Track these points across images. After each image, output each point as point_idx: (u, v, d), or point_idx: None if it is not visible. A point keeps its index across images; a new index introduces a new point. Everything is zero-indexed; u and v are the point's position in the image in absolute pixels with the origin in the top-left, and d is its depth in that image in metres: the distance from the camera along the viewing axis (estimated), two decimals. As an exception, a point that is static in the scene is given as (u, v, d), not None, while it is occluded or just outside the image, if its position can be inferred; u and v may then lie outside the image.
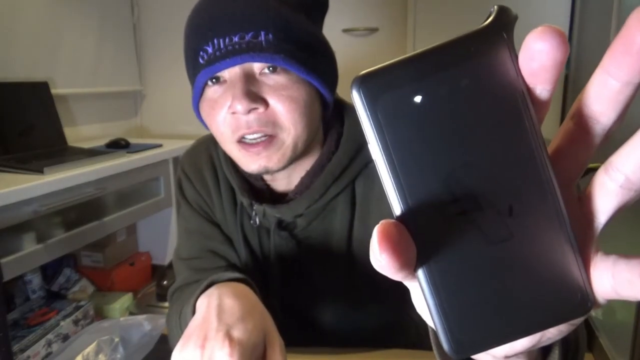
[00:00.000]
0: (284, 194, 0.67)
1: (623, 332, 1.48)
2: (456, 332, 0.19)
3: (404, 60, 0.18)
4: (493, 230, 0.19)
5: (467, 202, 0.19)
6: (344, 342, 0.66)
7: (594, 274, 0.20)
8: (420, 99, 0.18)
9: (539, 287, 0.19)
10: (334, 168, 0.63)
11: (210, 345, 0.44)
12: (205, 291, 0.54)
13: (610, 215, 0.19)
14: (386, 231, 0.18)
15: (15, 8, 1.75)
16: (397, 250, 0.18)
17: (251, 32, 0.54)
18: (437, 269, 0.19)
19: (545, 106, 0.19)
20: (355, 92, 0.19)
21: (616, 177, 0.18)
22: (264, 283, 0.68)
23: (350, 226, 0.66)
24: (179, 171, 0.75)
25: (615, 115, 0.18)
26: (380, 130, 0.18)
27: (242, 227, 0.69)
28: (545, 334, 0.23)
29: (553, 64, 0.17)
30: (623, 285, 0.19)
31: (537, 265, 0.19)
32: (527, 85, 0.18)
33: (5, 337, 0.63)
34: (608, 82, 0.17)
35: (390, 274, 0.19)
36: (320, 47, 0.61)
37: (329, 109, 0.65)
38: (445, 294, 0.19)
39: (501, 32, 0.18)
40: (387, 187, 0.19)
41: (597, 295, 0.20)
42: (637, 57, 0.16)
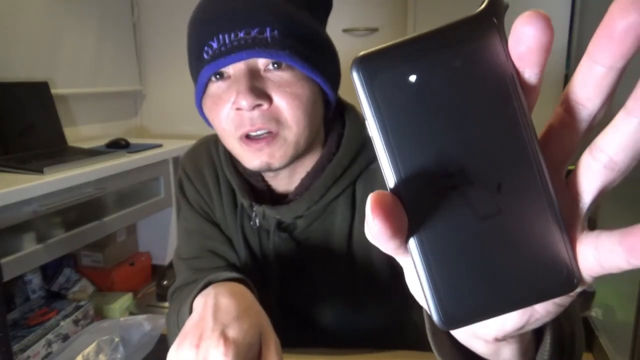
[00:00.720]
0: (284, 195, 0.67)
1: (623, 332, 1.48)
2: (445, 304, 0.20)
3: (401, 42, 0.19)
4: (482, 206, 0.20)
5: (457, 177, 0.19)
6: (343, 343, 0.66)
7: (579, 250, 0.20)
8: (415, 79, 0.19)
9: (525, 263, 0.20)
10: (334, 169, 0.63)
11: (206, 345, 0.44)
12: (202, 291, 0.54)
13: (594, 194, 0.20)
14: (379, 199, 0.19)
15: (15, 8, 1.75)
16: (389, 217, 0.19)
17: (257, 28, 0.54)
18: (427, 240, 0.20)
19: (534, 90, 0.20)
20: (354, 72, 0.20)
21: (600, 158, 0.19)
22: (264, 283, 0.69)
23: (351, 228, 0.66)
24: (180, 171, 0.75)
25: (600, 100, 0.19)
26: (377, 108, 0.19)
27: (242, 228, 0.69)
28: (533, 313, 0.23)
29: (539, 47, 0.18)
30: (605, 256, 0.19)
31: (523, 241, 0.20)
32: (517, 69, 0.19)
33: (5, 337, 0.63)
34: (593, 68, 0.18)
35: (381, 241, 0.20)
36: (324, 45, 0.61)
37: (331, 108, 0.64)
38: (435, 266, 0.20)
39: (492, 18, 0.19)
40: (383, 162, 0.20)
41: (584, 272, 0.20)
42: (618, 42, 0.17)
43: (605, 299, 1.73)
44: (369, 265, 0.66)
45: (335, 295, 0.68)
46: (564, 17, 1.97)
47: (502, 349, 0.28)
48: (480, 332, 0.25)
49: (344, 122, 0.67)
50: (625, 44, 0.17)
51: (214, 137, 0.73)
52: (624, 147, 0.18)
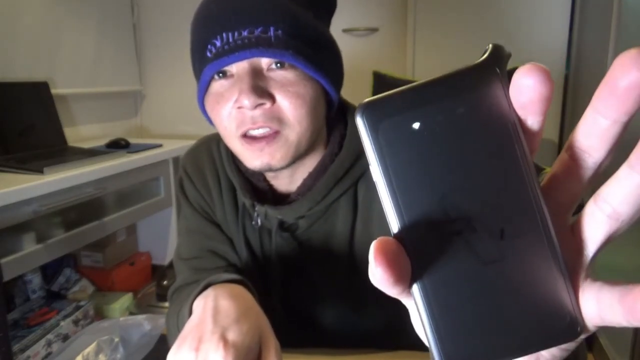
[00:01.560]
0: (286, 194, 0.66)
1: (623, 332, 1.48)
2: (448, 348, 0.20)
3: (405, 90, 0.20)
4: (485, 252, 0.20)
5: (460, 223, 0.20)
6: (343, 343, 0.66)
7: (582, 300, 0.20)
8: (418, 126, 0.20)
9: (528, 309, 0.20)
10: (336, 170, 0.63)
11: (205, 348, 0.44)
12: (202, 292, 0.54)
13: (599, 244, 0.20)
14: (383, 246, 0.19)
15: (15, 8, 1.75)
16: (392, 265, 0.19)
17: (260, 27, 0.54)
18: (430, 285, 0.20)
19: (537, 135, 0.20)
20: (358, 118, 0.20)
21: (604, 208, 0.19)
22: (266, 284, 0.68)
23: (352, 228, 0.65)
24: (181, 171, 0.75)
25: (605, 150, 0.19)
26: (381, 154, 0.20)
27: (244, 228, 0.69)
28: (538, 358, 0.23)
29: (539, 98, 0.19)
30: (605, 310, 0.19)
31: (526, 287, 0.20)
32: (519, 117, 0.20)
33: (5, 337, 0.63)
34: (597, 120, 0.18)
35: (385, 287, 0.20)
36: (328, 45, 0.61)
37: (333, 109, 0.64)
38: (437, 310, 0.20)
39: (495, 67, 0.19)
40: (386, 207, 0.20)
41: (587, 321, 0.20)
42: (621, 99, 0.17)
43: (605, 299, 1.72)
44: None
45: (335, 295, 0.68)
46: (564, 17, 1.97)
47: None
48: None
49: (346, 122, 0.66)
50: (628, 101, 0.17)
51: (215, 137, 0.73)
52: (628, 200, 0.18)
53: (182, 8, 2.31)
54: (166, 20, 2.36)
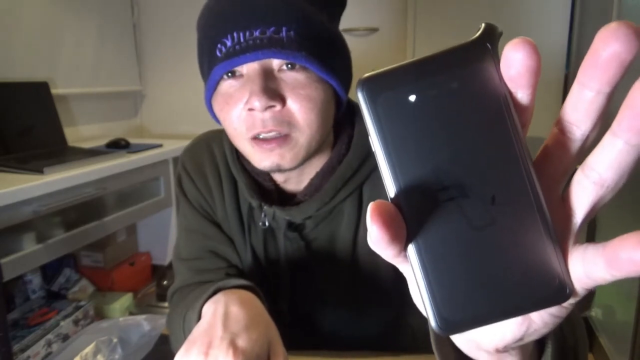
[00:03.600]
0: (292, 195, 0.66)
1: (623, 332, 1.48)
2: (442, 310, 0.21)
3: (403, 65, 0.21)
4: (476, 217, 0.21)
5: (453, 190, 0.21)
6: (344, 346, 0.66)
7: (571, 263, 0.21)
8: (415, 99, 0.21)
9: (518, 273, 0.21)
10: (344, 171, 0.63)
11: (214, 354, 0.44)
12: (211, 297, 0.54)
13: (586, 210, 0.21)
14: (379, 207, 0.20)
15: (15, 8, 1.75)
16: (387, 224, 0.20)
17: (273, 27, 0.53)
18: (425, 249, 0.21)
19: (527, 110, 0.21)
20: (359, 91, 0.21)
21: (590, 175, 0.20)
22: (270, 285, 0.68)
23: (356, 230, 0.65)
24: (179, 168, 0.73)
25: (591, 122, 0.20)
26: (380, 125, 0.21)
27: (248, 228, 0.68)
28: (531, 324, 0.24)
29: (527, 70, 0.20)
30: (590, 268, 0.20)
31: (516, 251, 0.21)
32: (510, 90, 0.21)
33: (5, 337, 0.64)
34: (583, 93, 0.19)
35: (381, 247, 0.21)
36: (339, 46, 0.60)
37: (342, 110, 0.64)
38: (432, 273, 0.21)
39: (486, 44, 0.21)
40: (384, 174, 0.21)
41: (576, 284, 0.21)
42: (603, 70, 0.18)
43: (605, 299, 1.72)
44: (373, 267, 0.65)
45: (338, 296, 0.67)
46: (564, 17, 1.97)
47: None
48: (482, 343, 0.26)
49: (353, 123, 0.66)
50: (609, 72, 0.18)
51: (216, 134, 0.72)
52: (612, 166, 0.19)
53: (182, 8, 2.31)
54: (166, 20, 2.36)
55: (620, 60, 0.18)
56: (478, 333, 0.26)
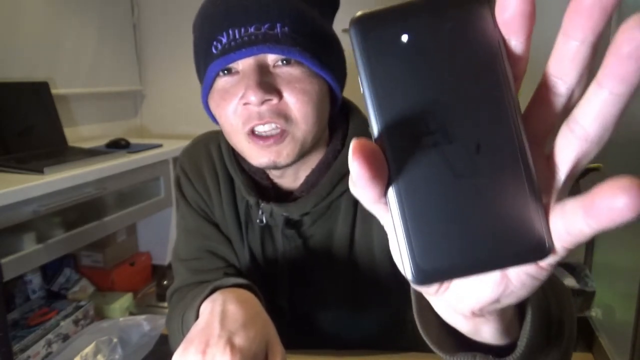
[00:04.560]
0: (289, 192, 0.66)
1: (623, 332, 1.48)
2: (418, 259, 0.21)
3: (397, 5, 0.20)
4: (459, 164, 0.20)
5: (438, 135, 0.20)
6: (342, 344, 0.66)
7: (552, 220, 0.21)
8: (406, 39, 0.20)
9: (498, 226, 0.20)
10: (340, 166, 0.63)
11: (212, 352, 0.44)
12: (209, 296, 0.54)
13: (570, 165, 0.21)
14: (361, 144, 0.20)
15: (16, 8, 1.75)
16: (369, 161, 0.20)
17: (267, 24, 0.54)
18: (405, 194, 0.21)
19: (522, 60, 0.21)
20: (351, 29, 0.21)
21: (575, 129, 0.20)
22: (268, 284, 0.68)
23: (353, 227, 0.66)
24: (178, 169, 0.74)
25: (576, 74, 0.20)
26: (369, 63, 0.20)
27: (246, 227, 0.68)
28: (508, 284, 0.23)
29: (521, 13, 0.19)
30: (569, 221, 0.20)
31: (497, 204, 0.20)
32: (503, 37, 0.20)
33: (6, 337, 0.64)
34: (567, 43, 0.19)
35: (362, 185, 0.20)
36: (333, 42, 0.61)
37: (337, 106, 0.64)
38: (411, 220, 0.21)
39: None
40: (370, 113, 0.21)
41: (556, 242, 0.21)
42: (586, 17, 0.18)
43: (605, 299, 1.72)
44: (371, 263, 0.65)
45: (336, 294, 0.68)
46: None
47: (482, 326, 0.28)
48: (458, 305, 0.26)
49: (348, 120, 0.67)
50: (592, 18, 0.18)
51: (213, 135, 0.73)
52: (596, 117, 0.19)
53: (182, 8, 2.31)
54: (166, 20, 2.36)
55: (603, 5, 0.17)
56: (453, 292, 0.25)
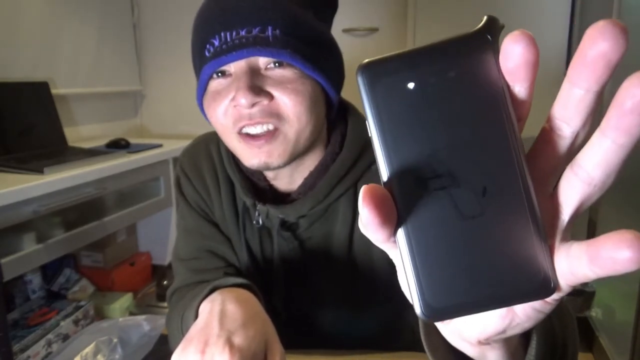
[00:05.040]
0: (287, 194, 0.66)
1: (623, 332, 1.48)
2: (427, 296, 0.21)
3: (403, 52, 0.21)
4: (467, 207, 0.21)
5: (445, 179, 0.21)
6: (341, 345, 0.66)
7: (557, 259, 0.22)
8: (413, 86, 0.21)
9: (504, 265, 0.21)
10: (338, 169, 0.63)
11: (211, 351, 0.44)
12: (208, 296, 0.54)
13: (574, 207, 0.21)
14: (371, 190, 0.21)
15: (16, 8, 1.75)
16: (379, 207, 0.21)
17: (258, 27, 0.54)
18: (414, 235, 0.21)
19: (524, 104, 0.21)
20: (359, 76, 0.21)
21: (579, 173, 0.20)
22: (266, 284, 0.68)
23: (352, 229, 0.65)
24: (178, 169, 0.74)
25: (580, 120, 0.20)
26: (377, 110, 0.21)
27: (244, 228, 0.68)
28: (514, 318, 0.24)
29: (525, 63, 0.20)
30: (574, 264, 0.21)
31: (504, 244, 0.21)
32: (507, 84, 0.21)
33: (6, 337, 0.64)
34: (572, 91, 0.20)
35: (371, 230, 0.21)
36: (327, 44, 0.61)
37: (333, 109, 0.64)
38: (419, 259, 0.21)
39: (487, 36, 0.21)
40: (378, 158, 0.22)
41: (561, 280, 0.22)
42: (591, 69, 0.18)
43: (605, 299, 1.72)
44: (369, 266, 0.65)
45: (335, 295, 0.68)
46: (564, 17, 1.97)
47: (488, 353, 0.29)
48: (465, 334, 0.26)
49: (346, 122, 0.66)
50: (597, 71, 0.18)
51: (214, 135, 0.73)
52: (600, 164, 0.19)
53: (182, 8, 2.31)
54: (166, 20, 2.36)
55: (607, 59, 0.18)
56: (461, 323, 0.26)
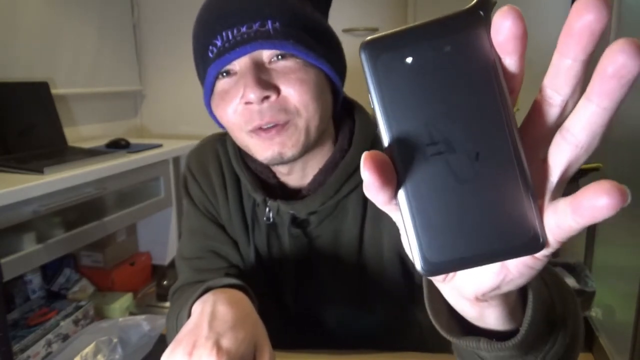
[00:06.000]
0: (297, 191, 0.66)
1: (623, 332, 1.48)
2: (426, 252, 0.23)
3: (402, 29, 0.23)
4: (461, 171, 0.23)
5: (441, 145, 0.23)
6: (347, 344, 0.66)
7: (546, 217, 0.23)
8: (411, 60, 0.23)
9: (497, 223, 0.23)
10: (347, 165, 0.63)
11: (199, 353, 0.44)
12: (201, 296, 0.54)
13: (562, 168, 0.23)
14: (372, 155, 0.22)
15: (15, 8, 1.75)
16: (379, 170, 0.22)
17: (258, 22, 0.55)
18: (413, 197, 0.23)
19: (516, 76, 0.23)
20: (362, 52, 0.23)
21: (566, 136, 0.22)
22: (274, 284, 0.68)
23: (362, 226, 0.65)
24: (185, 169, 0.74)
25: (569, 88, 0.22)
26: (379, 83, 0.23)
27: (252, 227, 0.68)
28: (507, 274, 0.26)
29: (514, 36, 0.21)
30: (560, 218, 0.22)
31: (496, 204, 0.23)
32: (499, 56, 0.22)
33: (6, 337, 0.64)
34: (561, 61, 0.21)
35: (373, 192, 0.23)
36: (327, 34, 0.61)
37: (339, 99, 0.64)
38: (419, 219, 0.23)
39: (479, 12, 0.22)
40: (380, 127, 0.23)
41: (550, 236, 0.23)
42: (577, 38, 0.20)
43: (605, 299, 1.73)
44: (379, 262, 0.65)
45: (343, 293, 0.68)
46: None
47: (486, 311, 0.31)
48: (463, 291, 0.29)
49: (353, 119, 0.67)
50: (582, 40, 0.20)
51: (220, 136, 0.73)
52: (585, 127, 0.21)
53: (182, 8, 2.31)
54: (166, 20, 2.36)
55: (591, 29, 0.20)
56: (459, 280, 0.28)
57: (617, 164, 1.50)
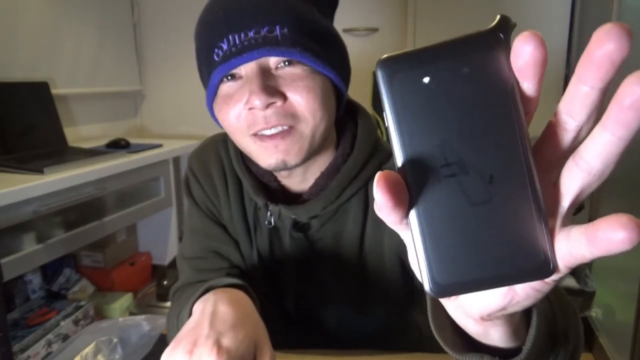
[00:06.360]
0: (298, 195, 0.66)
1: (623, 332, 1.48)
2: (435, 274, 0.23)
3: (420, 49, 0.23)
4: (474, 193, 0.23)
5: (455, 167, 0.23)
6: (347, 344, 0.66)
7: (557, 242, 0.23)
8: (428, 80, 0.22)
9: (507, 247, 0.23)
10: (349, 170, 0.63)
11: (199, 352, 0.44)
12: (202, 296, 0.54)
13: (574, 194, 0.23)
14: (385, 175, 0.22)
15: (15, 8, 1.75)
16: (392, 191, 0.22)
17: (266, 27, 0.54)
18: (424, 218, 0.23)
19: (533, 101, 0.23)
20: (378, 70, 0.23)
21: (580, 163, 0.22)
22: (275, 286, 0.68)
23: (363, 229, 0.65)
24: (187, 169, 0.74)
25: (585, 114, 0.22)
26: (394, 102, 0.23)
27: (254, 229, 0.68)
28: (514, 296, 0.26)
29: (534, 62, 0.21)
30: (573, 246, 0.22)
31: (508, 227, 0.23)
32: (517, 80, 0.22)
33: (6, 337, 0.64)
34: (578, 87, 0.21)
35: (385, 213, 0.23)
36: (333, 39, 0.61)
37: (342, 105, 0.64)
38: (429, 240, 0.23)
39: (499, 34, 0.22)
40: (394, 146, 0.23)
41: (560, 262, 0.23)
42: (597, 67, 0.20)
43: (605, 299, 1.72)
44: (379, 265, 0.65)
45: (343, 295, 0.68)
46: (564, 17, 1.97)
47: (491, 330, 0.31)
48: (469, 310, 0.28)
49: (356, 123, 0.66)
50: (602, 69, 0.20)
51: (223, 136, 0.73)
52: (600, 155, 0.21)
53: (182, 8, 2.31)
54: (166, 20, 2.36)
55: (612, 59, 0.19)
56: (466, 300, 0.28)
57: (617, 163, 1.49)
